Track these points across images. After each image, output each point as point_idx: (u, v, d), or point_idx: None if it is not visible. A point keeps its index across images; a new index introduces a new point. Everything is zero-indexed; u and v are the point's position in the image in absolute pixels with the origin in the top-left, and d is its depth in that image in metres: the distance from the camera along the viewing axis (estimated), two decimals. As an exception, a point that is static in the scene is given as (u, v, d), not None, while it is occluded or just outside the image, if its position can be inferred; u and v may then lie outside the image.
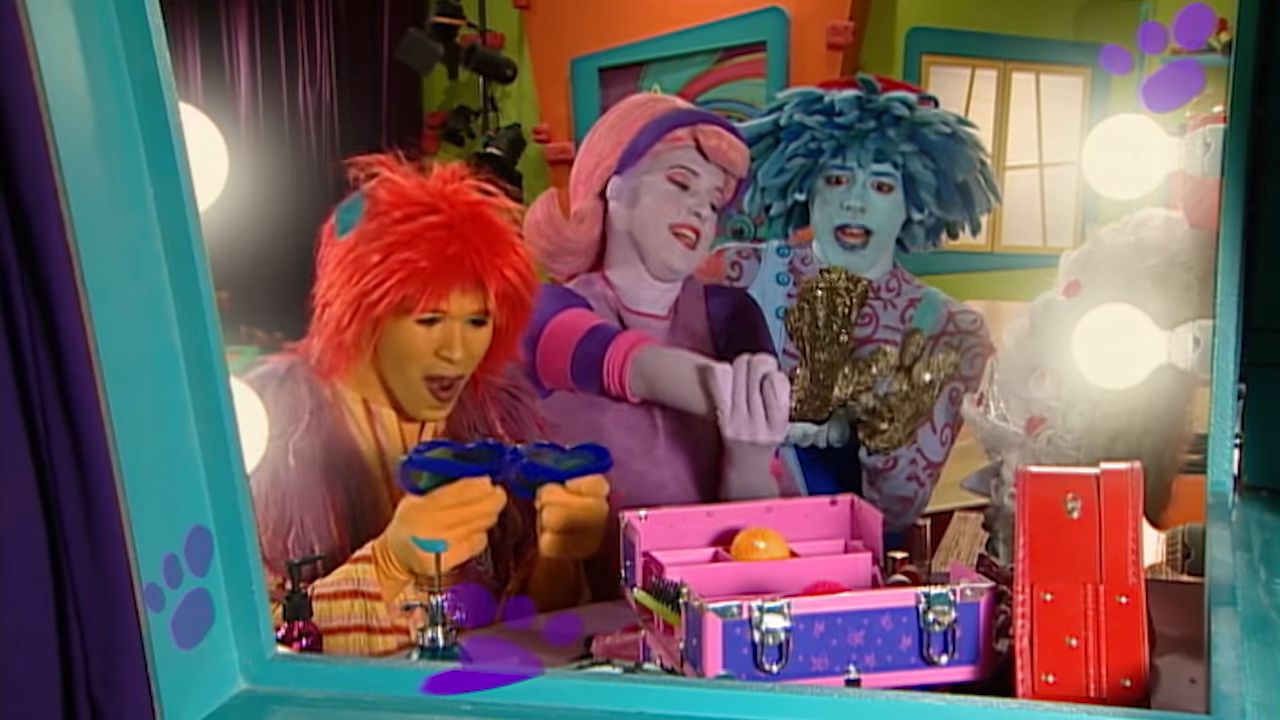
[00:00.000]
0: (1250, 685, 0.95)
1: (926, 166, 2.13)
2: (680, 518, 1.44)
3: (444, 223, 1.57)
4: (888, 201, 2.16)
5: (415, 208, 1.58)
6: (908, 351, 1.79)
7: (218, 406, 1.03)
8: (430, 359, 1.61)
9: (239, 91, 6.24)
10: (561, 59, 5.75)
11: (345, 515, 1.59)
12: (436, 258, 1.56)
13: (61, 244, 0.88)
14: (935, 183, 2.15)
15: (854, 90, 2.15)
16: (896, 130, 2.11)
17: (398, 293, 1.55)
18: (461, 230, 1.57)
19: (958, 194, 2.18)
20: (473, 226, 1.59)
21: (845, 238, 2.17)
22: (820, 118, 2.14)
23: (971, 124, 2.21)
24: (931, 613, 1.17)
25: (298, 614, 1.39)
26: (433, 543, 1.40)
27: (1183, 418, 1.93)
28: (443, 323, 1.61)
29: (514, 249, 1.63)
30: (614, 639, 1.41)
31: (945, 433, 2.25)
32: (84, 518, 0.90)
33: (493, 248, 1.60)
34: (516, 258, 1.63)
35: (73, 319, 0.89)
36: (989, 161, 2.24)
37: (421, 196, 1.59)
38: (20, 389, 0.88)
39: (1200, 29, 1.44)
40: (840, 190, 2.15)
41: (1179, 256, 1.82)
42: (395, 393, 1.66)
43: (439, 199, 1.59)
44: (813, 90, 2.19)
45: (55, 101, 0.88)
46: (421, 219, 1.56)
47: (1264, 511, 1.43)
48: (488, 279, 1.59)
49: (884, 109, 2.11)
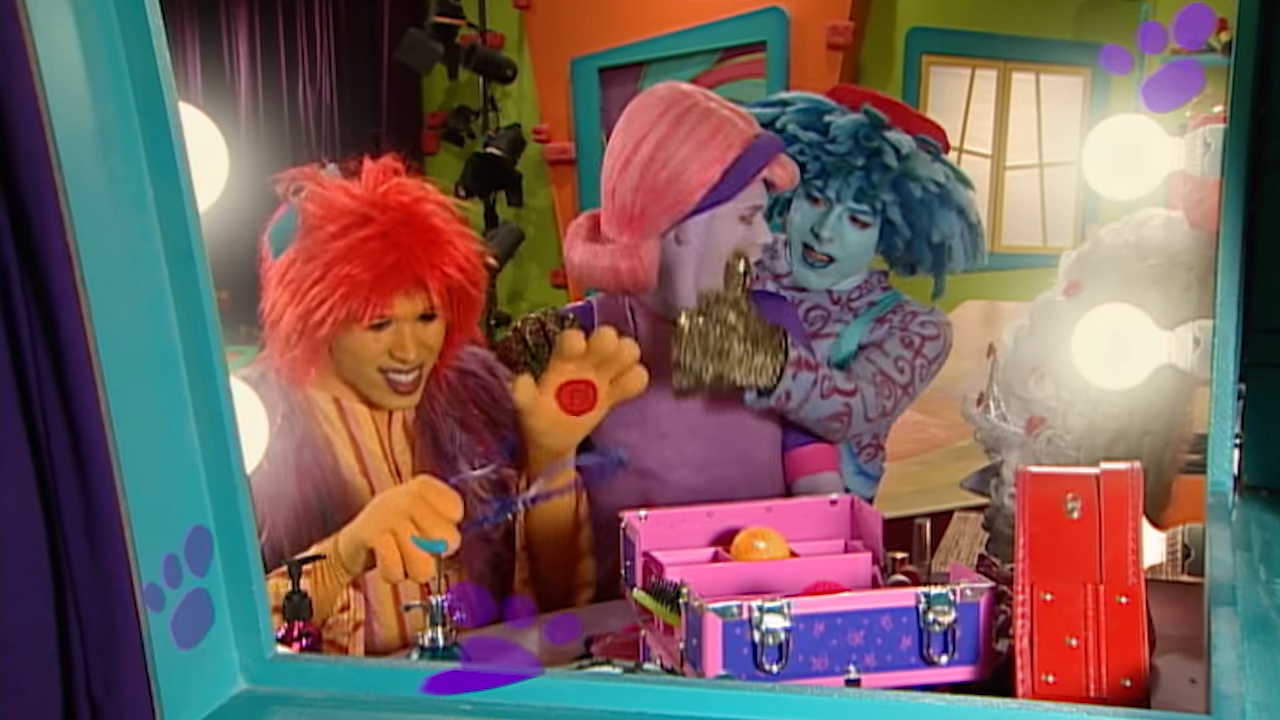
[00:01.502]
0: (1250, 685, 0.95)
1: (905, 220, 2.08)
2: (680, 518, 1.44)
3: (378, 232, 1.56)
4: (861, 235, 2.08)
5: (347, 219, 1.57)
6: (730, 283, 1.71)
7: (218, 406, 1.03)
8: (384, 359, 1.62)
9: (239, 91, 6.24)
10: (561, 59, 5.75)
11: (318, 515, 1.60)
12: (375, 268, 1.55)
13: (61, 244, 0.88)
14: (910, 236, 2.08)
15: (856, 118, 2.04)
16: (881, 176, 2.04)
17: (341, 309, 1.55)
18: (397, 237, 1.57)
19: (930, 253, 2.11)
20: (408, 230, 1.58)
21: (810, 257, 2.12)
22: (815, 135, 2.06)
23: (968, 183, 2.12)
24: (931, 613, 1.17)
25: (298, 614, 1.39)
26: (433, 543, 1.40)
27: (1183, 418, 1.93)
28: (392, 326, 1.61)
29: (452, 245, 1.62)
30: (614, 639, 1.41)
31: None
32: (84, 518, 0.90)
33: (430, 249, 1.59)
34: (456, 252, 1.62)
35: (73, 319, 0.89)
36: (979, 224, 2.13)
37: (352, 206, 1.58)
38: (20, 389, 0.88)
39: (1200, 29, 1.44)
40: (816, 212, 2.08)
41: (1179, 256, 1.82)
42: (359, 389, 1.67)
43: (370, 206, 1.58)
44: (821, 101, 2.10)
45: (55, 101, 0.88)
46: (355, 233, 1.56)
47: (1264, 511, 1.43)
48: (429, 280, 1.59)
49: (877, 151, 2.02)
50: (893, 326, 2.05)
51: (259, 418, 1.43)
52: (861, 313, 2.13)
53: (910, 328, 2.03)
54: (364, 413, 1.70)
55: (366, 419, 1.70)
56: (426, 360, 1.67)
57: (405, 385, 1.65)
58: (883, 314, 2.10)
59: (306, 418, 1.66)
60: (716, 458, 1.87)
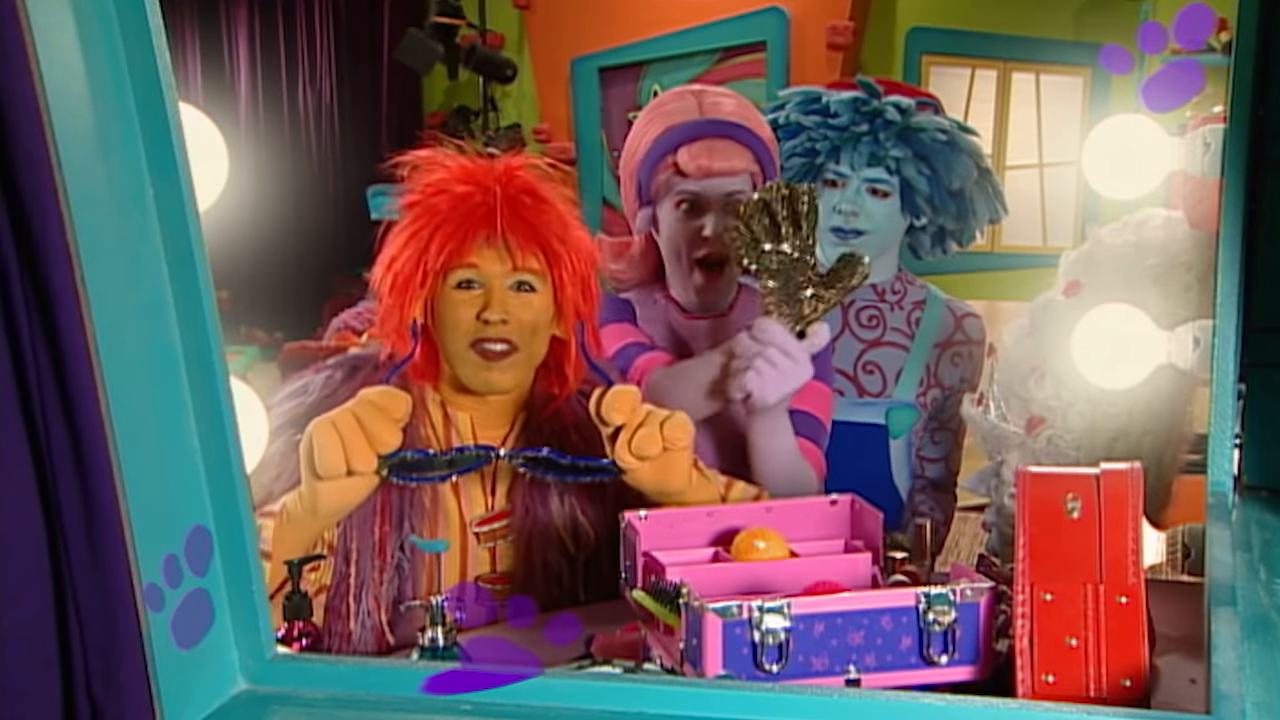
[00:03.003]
0: (1250, 685, 0.95)
1: (920, 173, 2.13)
2: (680, 518, 1.44)
3: (480, 187, 1.53)
4: (884, 206, 2.15)
5: (453, 181, 1.54)
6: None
7: (218, 406, 1.03)
8: (473, 324, 1.56)
9: (239, 91, 6.25)
10: (561, 59, 5.76)
11: (394, 511, 1.55)
12: (461, 210, 1.52)
13: (61, 244, 0.88)
14: (929, 189, 2.14)
15: (852, 92, 2.14)
16: (887, 133, 2.11)
17: (437, 251, 1.51)
18: (491, 193, 1.53)
19: (952, 201, 2.17)
20: (506, 190, 1.54)
21: (840, 235, 2.16)
22: (816, 118, 2.13)
23: (972, 131, 2.20)
24: (931, 613, 1.17)
25: (298, 614, 1.39)
26: (433, 543, 1.40)
27: (1183, 418, 1.93)
28: (480, 287, 1.56)
29: (553, 209, 1.57)
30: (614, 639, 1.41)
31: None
32: (84, 518, 0.90)
33: (526, 209, 1.54)
34: (554, 218, 1.56)
35: (73, 319, 0.89)
36: (993, 171, 2.22)
37: (462, 164, 1.55)
38: (20, 389, 0.88)
39: (1200, 29, 1.44)
40: (836, 193, 2.15)
41: (1179, 256, 1.82)
42: (456, 371, 1.60)
43: (482, 172, 1.55)
44: (813, 89, 2.19)
45: (55, 101, 0.88)
46: (455, 187, 1.53)
47: (1264, 511, 1.43)
48: (515, 234, 1.54)
49: (878, 113, 2.11)
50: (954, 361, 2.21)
51: (259, 418, 1.43)
52: (915, 325, 2.21)
53: (958, 363, 2.22)
54: (466, 424, 1.64)
55: (468, 431, 1.64)
56: (522, 337, 1.58)
57: (495, 354, 1.56)
58: (940, 338, 2.22)
59: (415, 416, 1.55)
60: (707, 463, 1.87)
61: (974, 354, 2.23)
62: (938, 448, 2.27)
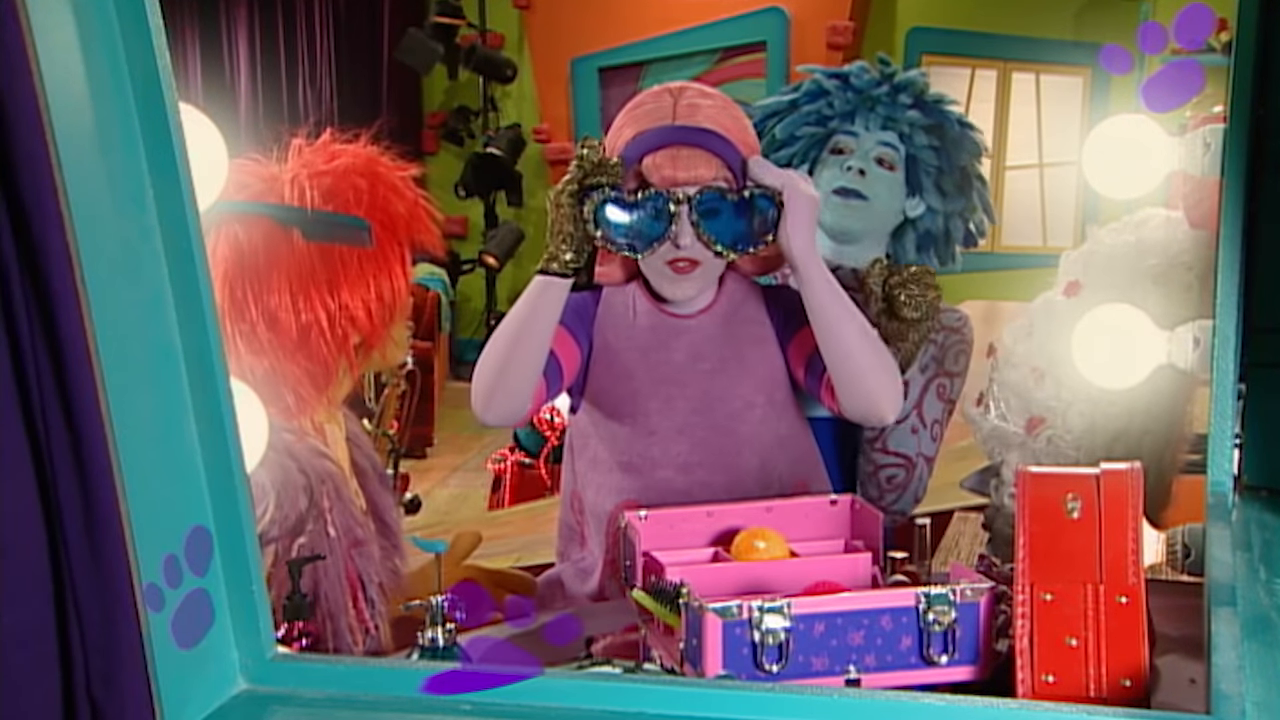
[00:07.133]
0: (1250, 685, 0.95)
1: (930, 145, 2.13)
2: (680, 518, 1.44)
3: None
4: (887, 177, 2.15)
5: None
6: (872, 278, 1.78)
7: (218, 406, 1.03)
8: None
9: (239, 91, 6.24)
10: (561, 59, 5.76)
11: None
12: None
13: (61, 244, 0.88)
14: (937, 163, 2.14)
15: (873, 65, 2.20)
16: (906, 94, 2.13)
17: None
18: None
19: (959, 180, 2.17)
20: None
21: (841, 199, 2.14)
22: (837, 82, 2.16)
23: (977, 128, 2.20)
24: (931, 613, 1.17)
25: (298, 614, 1.39)
26: (432, 543, 1.40)
27: (1183, 418, 1.93)
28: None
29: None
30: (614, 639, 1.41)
31: (935, 429, 2.22)
32: (84, 518, 0.90)
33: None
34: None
35: (73, 319, 0.89)
36: (986, 180, 2.21)
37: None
38: (20, 389, 0.88)
39: (1200, 29, 1.44)
40: (843, 158, 2.16)
41: (1179, 256, 1.82)
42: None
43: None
44: (838, 69, 2.23)
45: (55, 101, 0.89)
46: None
47: (1264, 511, 1.43)
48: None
49: (895, 75, 2.15)
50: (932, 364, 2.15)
51: (259, 418, 1.42)
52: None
53: (945, 362, 2.14)
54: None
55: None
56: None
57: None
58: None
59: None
60: (700, 459, 1.85)
61: (948, 340, 2.19)
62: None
